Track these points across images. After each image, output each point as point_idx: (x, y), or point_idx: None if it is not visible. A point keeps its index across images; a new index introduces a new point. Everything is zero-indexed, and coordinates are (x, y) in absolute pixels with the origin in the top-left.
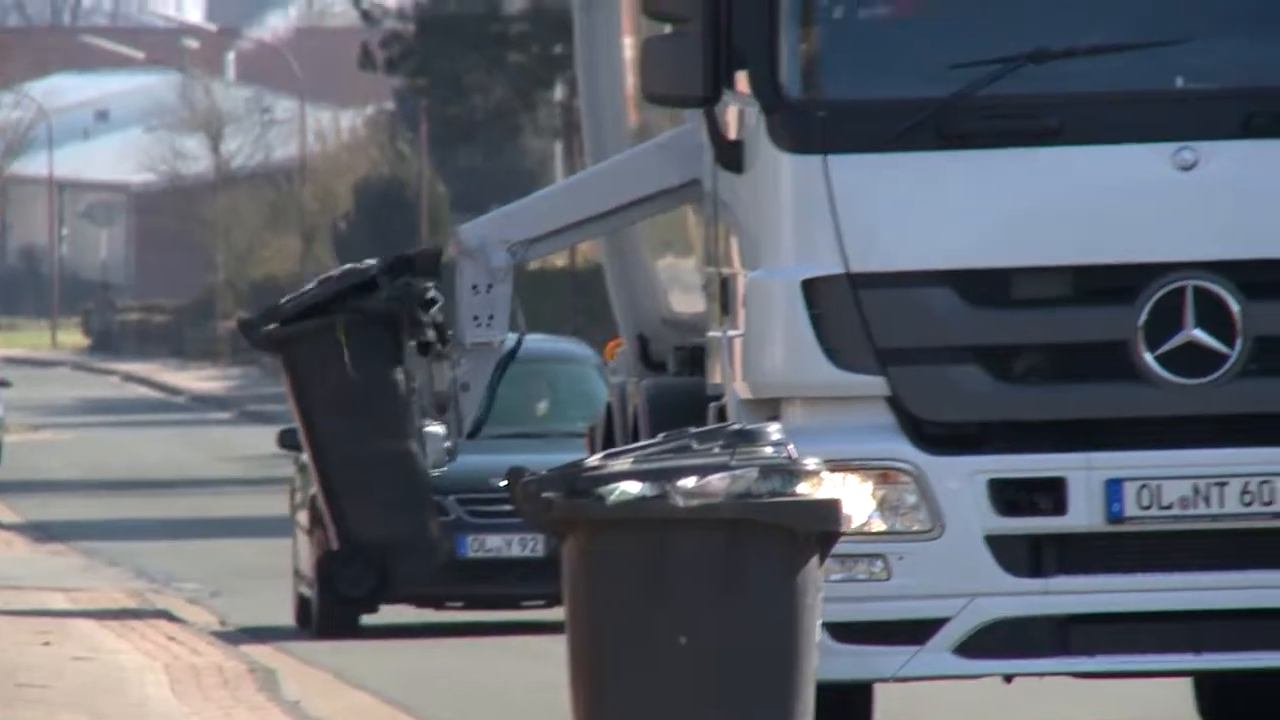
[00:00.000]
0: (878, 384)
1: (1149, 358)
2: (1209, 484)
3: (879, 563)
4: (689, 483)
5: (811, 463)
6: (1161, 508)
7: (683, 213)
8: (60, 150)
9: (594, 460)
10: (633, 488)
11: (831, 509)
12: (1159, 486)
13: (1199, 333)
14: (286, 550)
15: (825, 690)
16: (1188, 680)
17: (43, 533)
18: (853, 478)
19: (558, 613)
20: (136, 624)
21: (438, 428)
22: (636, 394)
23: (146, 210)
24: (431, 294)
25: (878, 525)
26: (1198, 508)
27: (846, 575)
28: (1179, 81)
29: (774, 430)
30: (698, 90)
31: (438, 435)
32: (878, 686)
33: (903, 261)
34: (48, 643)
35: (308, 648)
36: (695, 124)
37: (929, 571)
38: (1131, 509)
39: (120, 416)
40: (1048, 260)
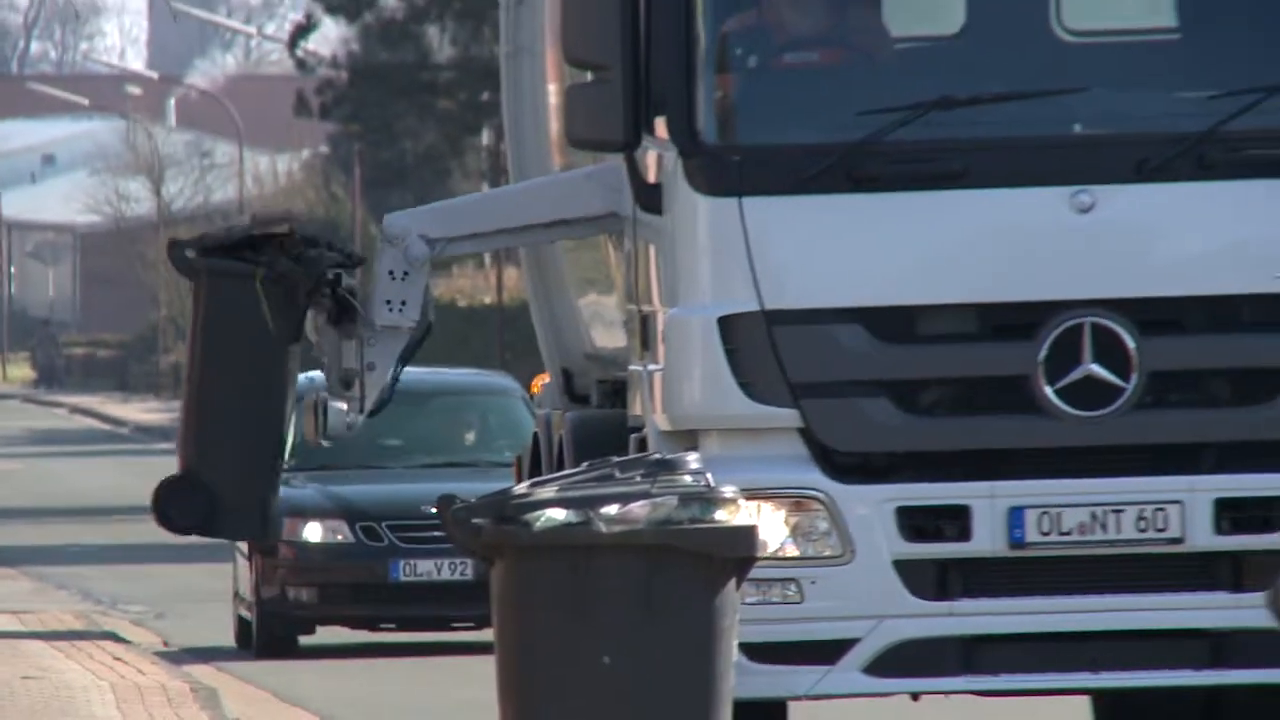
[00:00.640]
0: (791, 416)
1: (1049, 391)
2: (1106, 511)
3: (792, 586)
4: (612, 510)
5: (728, 491)
6: (1061, 534)
7: (605, 252)
8: (8, 193)
9: (521, 488)
10: (558, 514)
11: (748, 535)
12: (1059, 514)
13: (1096, 368)
14: (227, 575)
15: (742, 708)
16: (1086, 698)
17: None
18: (767, 506)
19: (487, 634)
20: (84, 645)
21: (339, 403)
22: (561, 425)
23: (92, 250)
24: (337, 272)
25: (791, 551)
26: (1095, 534)
27: (761, 598)
28: (1077, 128)
29: (692, 460)
30: (618, 135)
31: (340, 409)
32: (792, 704)
33: (814, 299)
34: None
35: (247, 667)
36: (619, 161)
37: (840, 595)
38: (1033, 535)
39: (67, 447)
40: (952, 298)
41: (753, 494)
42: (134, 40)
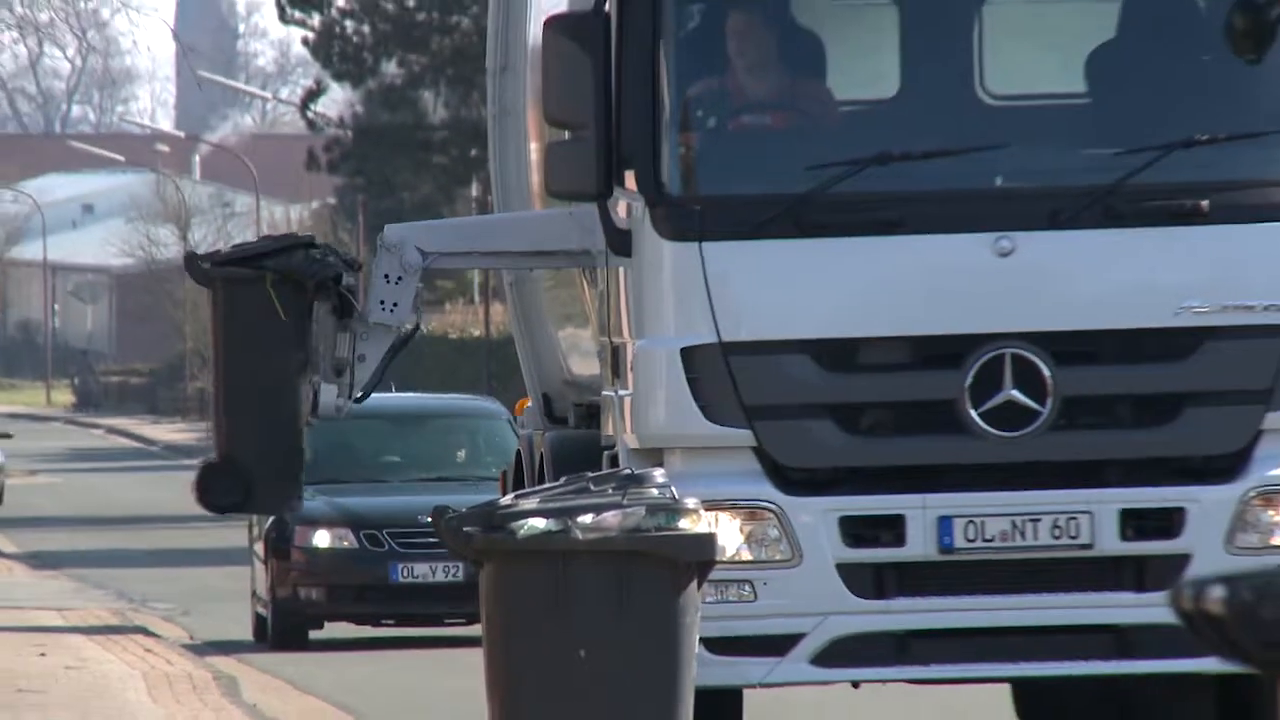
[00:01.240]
0: (745, 436)
1: (974, 414)
2: (1025, 520)
3: (747, 587)
4: (587, 519)
5: (691, 502)
6: (985, 540)
7: (580, 290)
8: (52, 238)
9: (506, 500)
10: (539, 523)
11: (708, 542)
12: (983, 522)
13: (1016, 393)
14: (245, 576)
15: (702, 694)
16: (1007, 686)
17: (39, 561)
18: (725, 515)
19: (476, 630)
20: (119, 638)
21: (331, 387)
22: (542, 444)
23: (126, 289)
24: (342, 271)
25: (745, 555)
26: (1015, 540)
27: (720, 598)
28: (998, 181)
29: (659, 475)
30: (592, 187)
31: (331, 391)
32: (746, 691)
33: (766, 332)
34: (44, 654)
35: (264, 658)
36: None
37: (789, 594)
38: (960, 541)
39: (104, 463)
40: (889, 331)
41: (712, 505)
42: (163, 103)
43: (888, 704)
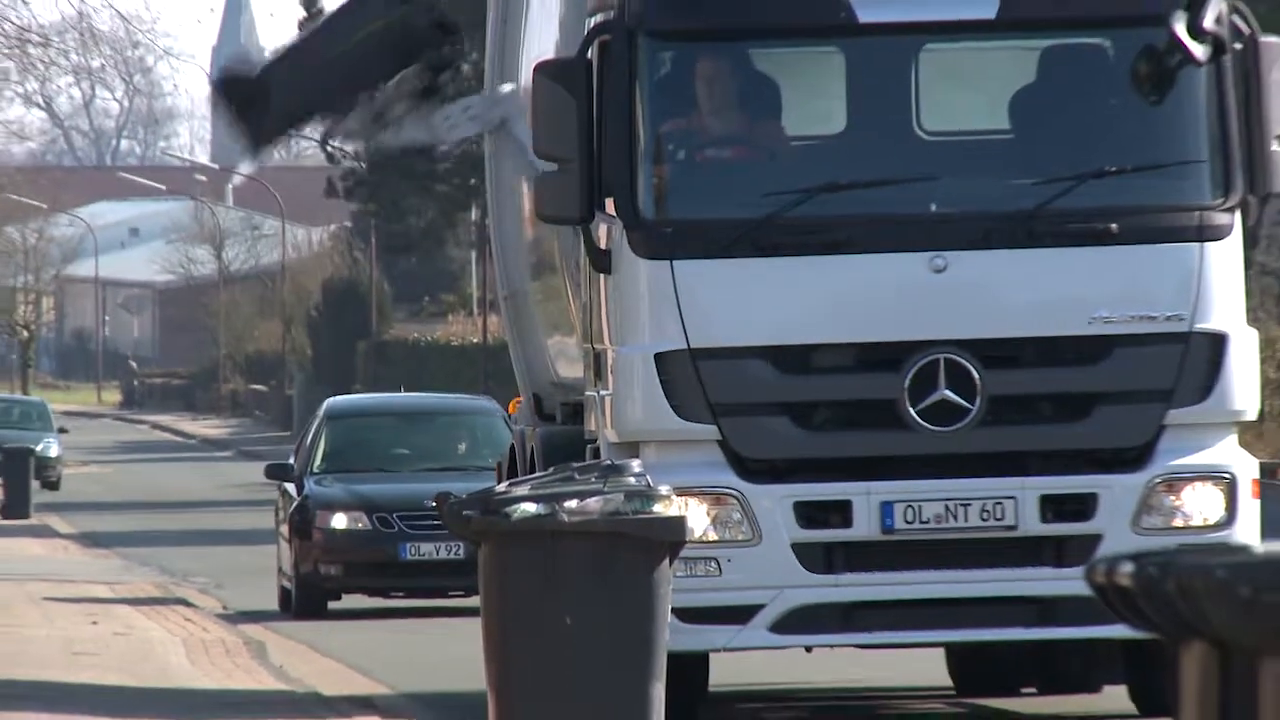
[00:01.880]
0: (711, 431)
1: (912, 411)
2: (957, 504)
3: (713, 563)
4: (573, 504)
5: (664, 489)
6: (922, 523)
7: (567, 303)
8: (103, 257)
9: (501, 487)
10: (530, 508)
11: (679, 524)
12: (920, 506)
13: (949, 393)
14: (272, 554)
15: (674, 658)
16: (941, 650)
17: (91, 541)
18: (693, 500)
19: (475, 601)
20: (161, 608)
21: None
22: (533, 438)
23: (167, 302)
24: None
25: (711, 536)
26: (949, 522)
27: (689, 573)
28: (933, 207)
29: (636, 465)
30: (576, 212)
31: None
32: (712, 655)
33: (730, 339)
34: (96, 622)
35: (288, 626)
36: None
37: (749, 570)
38: (900, 523)
39: (148, 455)
40: (837, 338)
41: (682, 491)
42: (201, 139)
43: (841, 667)
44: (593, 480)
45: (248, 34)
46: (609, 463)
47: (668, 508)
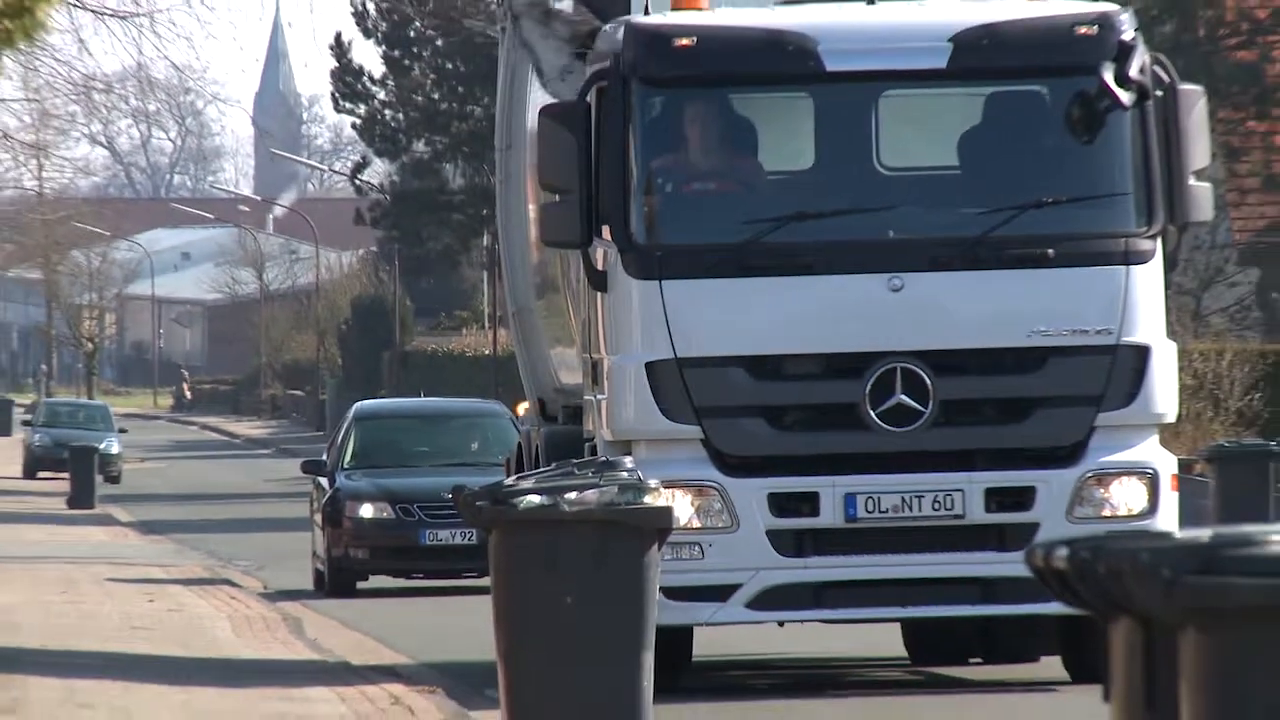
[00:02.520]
0: (695, 431)
1: (872, 414)
2: (912, 496)
3: (696, 548)
4: (572, 496)
5: (653, 482)
6: (881, 512)
7: (568, 318)
8: (158, 278)
9: (509, 481)
10: (535, 499)
11: (666, 513)
12: (879, 498)
13: (905, 398)
14: (307, 539)
15: (662, 631)
16: (898, 625)
17: (146, 528)
18: (680, 492)
19: (486, 581)
20: (209, 588)
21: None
22: (537, 437)
23: (215, 318)
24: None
25: (695, 523)
26: (905, 512)
27: (675, 556)
28: (891, 234)
29: (628, 461)
30: (576, 238)
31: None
32: (695, 628)
33: (712, 350)
34: (152, 600)
35: (321, 604)
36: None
37: (729, 554)
38: (862, 513)
39: (198, 452)
40: (806, 349)
41: (669, 484)
42: (245, 174)
43: (813, 640)
44: (590, 475)
45: (285, 83)
46: (605, 459)
47: (656, 499)
